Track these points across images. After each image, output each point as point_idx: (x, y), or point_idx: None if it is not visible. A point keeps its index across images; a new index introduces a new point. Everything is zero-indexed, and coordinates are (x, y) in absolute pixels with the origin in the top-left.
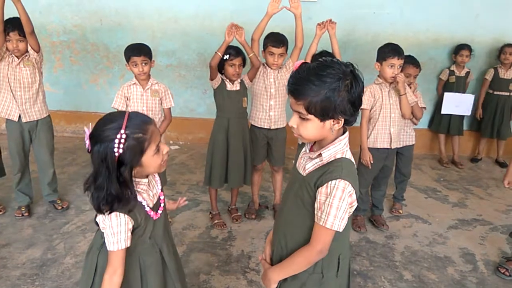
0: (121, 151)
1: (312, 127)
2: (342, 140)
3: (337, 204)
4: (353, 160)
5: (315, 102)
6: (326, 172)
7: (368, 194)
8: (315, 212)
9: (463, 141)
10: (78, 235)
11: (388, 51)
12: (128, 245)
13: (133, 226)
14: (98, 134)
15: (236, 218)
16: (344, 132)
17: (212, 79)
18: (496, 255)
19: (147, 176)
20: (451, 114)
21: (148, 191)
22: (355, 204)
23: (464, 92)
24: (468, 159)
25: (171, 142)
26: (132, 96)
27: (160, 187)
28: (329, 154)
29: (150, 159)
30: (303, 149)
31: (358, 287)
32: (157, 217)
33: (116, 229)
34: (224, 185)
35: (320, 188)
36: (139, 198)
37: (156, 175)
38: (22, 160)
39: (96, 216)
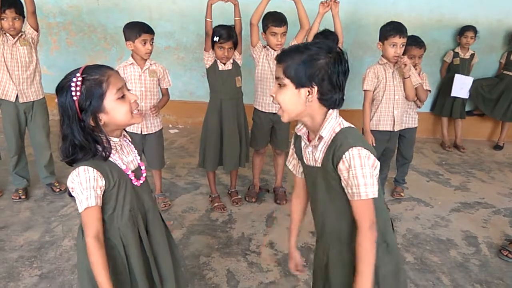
0: (78, 94)
1: (288, 95)
2: (332, 113)
3: (361, 172)
4: (352, 125)
5: (293, 65)
6: (336, 150)
7: None
8: (346, 192)
9: (465, 124)
10: (76, 217)
11: (390, 29)
12: (99, 205)
13: (105, 186)
14: (59, 85)
15: (236, 201)
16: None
17: (206, 49)
18: (499, 238)
19: (119, 136)
20: (454, 97)
21: (121, 154)
22: (378, 164)
23: (468, 74)
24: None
25: (170, 126)
26: (129, 77)
27: (138, 157)
28: (328, 131)
29: (114, 104)
30: (302, 144)
31: None
32: (138, 184)
33: (85, 184)
34: (218, 167)
35: (337, 166)
36: (112, 157)
37: (132, 146)
38: (18, 142)
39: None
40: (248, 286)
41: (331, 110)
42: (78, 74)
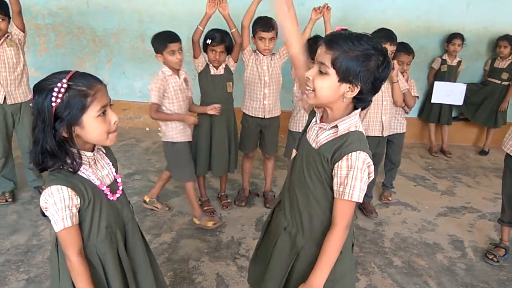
0: (59, 101)
1: (327, 84)
2: (357, 114)
3: (360, 176)
4: (364, 133)
5: (344, 57)
6: (344, 145)
7: None
8: (335, 187)
9: (452, 130)
10: None
11: (381, 36)
12: (76, 223)
13: (80, 204)
14: (40, 84)
15: (225, 205)
16: (355, 108)
17: (195, 57)
18: (484, 242)
19: (92, 151)
20: (441, 103)
21: (95, 168)
22: (372, 175)
23: (455, 81)
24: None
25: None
26: (171, 88)
27: (113, 169)
28: (345, 127)
29: (93, 121)
30: (313, 120)
31: None
32: (114, 199)
33: (60, 204)
34: (207, 172)
35: (339, 162)
36: (85, 172)
37: (106, 158)
38: (6, 144)
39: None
40: None
41: (356, 110)
42: (64, 80)
